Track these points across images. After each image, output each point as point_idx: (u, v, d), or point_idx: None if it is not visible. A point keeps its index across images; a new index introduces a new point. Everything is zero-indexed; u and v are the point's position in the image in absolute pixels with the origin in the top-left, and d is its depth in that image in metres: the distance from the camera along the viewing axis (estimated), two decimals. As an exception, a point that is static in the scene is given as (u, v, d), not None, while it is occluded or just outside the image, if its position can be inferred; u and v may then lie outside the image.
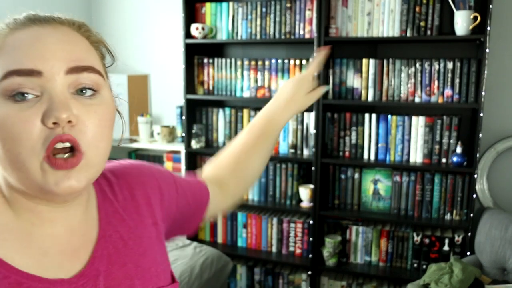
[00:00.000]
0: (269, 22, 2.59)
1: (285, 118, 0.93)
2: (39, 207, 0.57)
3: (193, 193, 0.79)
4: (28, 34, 0.54)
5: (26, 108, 0.51)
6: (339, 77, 2.53)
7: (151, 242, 0.68)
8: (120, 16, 3.20)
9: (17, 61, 0.52)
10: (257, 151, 0.90)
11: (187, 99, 2.74)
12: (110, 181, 0.69)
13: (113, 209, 0.66)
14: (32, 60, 0.52)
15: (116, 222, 0.65)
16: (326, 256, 2.56)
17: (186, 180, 0.80)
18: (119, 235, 0.65)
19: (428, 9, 2.33)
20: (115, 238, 0.64)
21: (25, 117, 0.51)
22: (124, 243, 0.65)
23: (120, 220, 0.66)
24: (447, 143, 2.39)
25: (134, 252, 0.65)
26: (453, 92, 2.34)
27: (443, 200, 2.44)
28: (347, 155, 2.55)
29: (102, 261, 0.61)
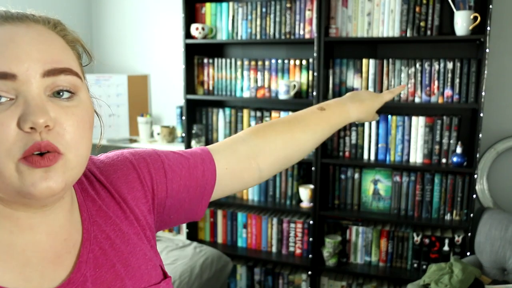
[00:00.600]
0: (269, 22, 2.59)
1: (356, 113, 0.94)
2: (18, 213, 0.54)
3: (192, 174, 0.72)
4: (1, 33, 0.51)
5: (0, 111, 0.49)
6: (339, 77, 2.53)
7: (138, 238, 0.65)
8: (120, 16, 3.20)
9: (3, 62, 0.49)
10: (307, 130, 0.86)
11: (187, 99, 2.74)
12: (90, 178, 0.65)
13: (97, 207, 0.63)
14: (6, 62, 0.49)
15: (101, 221, 0.62)
16: (326, 256, 2.56)
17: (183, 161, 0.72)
18: (105, 235, 0.62)
19: (428, 9, 2.33)
20: (101, 238, 0.61)
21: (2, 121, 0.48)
22: (111, 243, 0.62)
23: (105, 218, 0.63)
24: (447, 143, 2.39)
25: (122, 251, 0.62)
26: (453, 92, 2.34)
27: (443, 200, 2.44)
28: (347, 155, 2.55)
29: (88, 266, 0.58)
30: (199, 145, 2.77)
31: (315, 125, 0.87)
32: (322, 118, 0.89)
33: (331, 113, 0.91)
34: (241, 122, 2.74)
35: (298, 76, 2.60)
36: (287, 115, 0.89)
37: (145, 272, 0.64)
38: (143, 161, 0.69)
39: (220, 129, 2.80)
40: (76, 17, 3.19)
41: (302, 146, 0.85)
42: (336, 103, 0.94)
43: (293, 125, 0.85)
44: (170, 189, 0.70)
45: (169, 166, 0.70)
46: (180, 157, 0.73)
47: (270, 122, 0.85)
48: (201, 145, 2.78)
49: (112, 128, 3.11)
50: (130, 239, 0.64)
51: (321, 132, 0.88)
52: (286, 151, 0.83)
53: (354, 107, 0.94)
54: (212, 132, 2.83)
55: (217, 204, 2.92)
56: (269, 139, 0.81)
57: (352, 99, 0.96)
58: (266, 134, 0.81)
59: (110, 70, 3.27)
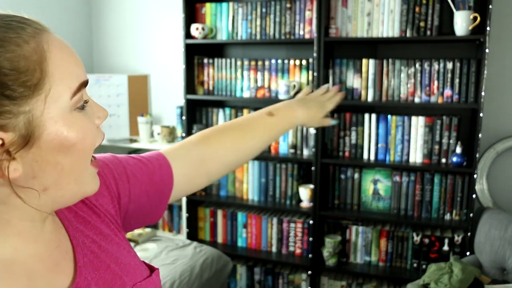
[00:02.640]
0: (269, 23, 2.60)
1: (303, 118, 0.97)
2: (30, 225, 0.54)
3: (152, 180, 0.73)
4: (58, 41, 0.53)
5: (88, 116, 0.54)
6: (339, 77, 2.53)
7: (118, 238, 0.67)
8: (120, 16, 3.20)
9: (79, 72, 0.53)
10: (256, 136, 0.89)
11: (187, 99, 2.75)
12: None
13: (73, 214, 0.63)
14: (83, 71, 0.54)
15: (81, 227, 0.63)
16: (326, 256, 2.56)
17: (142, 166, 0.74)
18: (90, 239, 0.63)
19: (427, 10, 2.33)
20: (88, 242, 0.62)
21: (91, 123, 0.54)
22: (98, 246, 0.63)
23: (84, 223, 0.64)
24: (446, 143, 2.39)
25: (111, 252, 0.64)
26: (452, 92, 2.35)
27: (442, 200, 2.44)
28: (347, 155, 2.55)
29: (88, 270, 0.59)
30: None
31: (263, 131, 0.91)
32: (270, 124, 0.92)
33: (279, 118, 0.94)
34: (241, 122, 2.74)
35: (298, 76, 2.60)
36: (237, 119, 0.91)
37: (136, 267, 0.66)
38: (106, 167, 0.70)
39: (220, 129, 2.80)
40: (76, 17, 3.19)
41: (250, 152, 0.90)
42: (285, 108, 0.96)
43: (242, 131, 0.88)
44: (133, 194, 0.71)
45: (131, 172, 0.72)
46: (140, 163, 0.74)
47: (220, 128, 0.88)
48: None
49: (112, 128, 3.11)
50: (112, 239, 0.65)
51: (268, 138, 0.92)
52: (235, 157, 0.87)
53: (302, 112, 0.98)
54: (212, 132, 2.83)
55: (217, 204, 2.92)
56: (219, 145, 0.84)
57: (300, 104, 0.99)
58: (216, 140, 0.84)
59: (110, 70, 3.27)
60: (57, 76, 0.50)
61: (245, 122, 0.90)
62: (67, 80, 0.51)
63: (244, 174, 2.78)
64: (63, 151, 0.51)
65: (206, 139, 0.84)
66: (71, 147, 0.51)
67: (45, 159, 0.50)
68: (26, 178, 0.50)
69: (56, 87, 0.49)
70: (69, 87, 0.51)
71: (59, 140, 0.50)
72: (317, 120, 1.02)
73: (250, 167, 2.75)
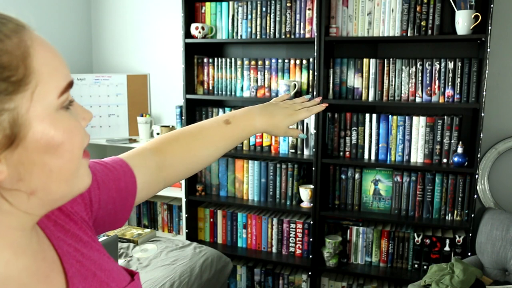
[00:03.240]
0: (269, 22, 2.58)
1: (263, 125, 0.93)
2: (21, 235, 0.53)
3: (118, 186, 0.73)
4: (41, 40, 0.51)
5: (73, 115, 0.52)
6: (340, 77, 2.52)
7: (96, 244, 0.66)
8: (119, 15, 3.19)
9: (66, 72, 0.51)
10: (209, 145, 0.87)
11: (187, 99, 2.73)
12: None
13: (52, 223, 0.61)
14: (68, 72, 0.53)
15: (62, 235, 0.61)
16: (326, 256, 2.55)
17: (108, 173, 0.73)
18: (73, 247, 0.61)
19: (429, 9, 2.32)
20: (72, 251, 0.61)
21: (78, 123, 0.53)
22: (81, 254, 0.62)
23: (63, 231, 0.62)
24: (448, 143, 2.38)
25: (93, 259, 0.63)
26: (454, 92, 2.34)
27: (444, 201, 2.43)
28: (347, 155, 2.54)
29: (78, 279, 0.58)
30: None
31: (218, 140, 0.89)
32: (226, 132, 0.90)
33: (236, 126, 0.91)
34: (241, 122, 2.73)
35: (299, 75, 2.59)
36: (193, 126, 0.89)
37: (118, 273, 0.65)
38: None
39: (220, 129, 2.79)
40: (76, 16, 3.18)
41: (205, 160, 0.88)
42: (243, 115, 0.93)
43: (196, 140, 0.86)
44: (102, 200, 0.70)
45: (100, 178, 0.71)
46: (106, 169, 0.73)
47: (174, 136, 0.86)
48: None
49: (111, 128, 3.10)
50: (92, 246, 0.64)
51: (224, 147, 0.90)
52: (190, 165, 0.86)
53: (262, 120, 0.94)
54: (212, 132, 2.82)
55: (217, 204, 2.91)
56: (173, 154, 0.83)
57: (262, 110, 0.95)
58: (170, 149, 0.83)
59: (109, 69, 3.26)
60: (45, 74, 0.48)
61: (199, 130, 0.88)
62: (55, 78, 0.49)
63: (244, 174, 2.77)
64: (50, 151, 0.49)
65: (160, 147, 0.83)
66: (58, 147, 0.49)
67: (31, 161, 0.48)
68: (11, 181, 0.48)
69: (43, 85, 0.48)
70: (57, 85, 0.49)
71: (46, 140, 0.48)
72: (282, 129, 0.96)
73: (250, 167, 2.74)
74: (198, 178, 2.89)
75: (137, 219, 3.23)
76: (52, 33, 2.97)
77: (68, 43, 3.11)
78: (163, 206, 3.13)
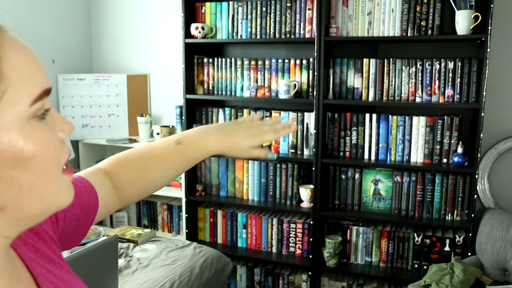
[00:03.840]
0: (269, 22, 2.58)
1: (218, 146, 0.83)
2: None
3: (81, 203, 0.70)
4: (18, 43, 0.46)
5: (49, 126, 0.48)
6: (340, 77, 2.52)
7: (65, 264, 0.62)
8: (119, 15, 3.19)
9: (42, 79, 0.47)
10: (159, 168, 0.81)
11: (187, 99, 2.73)
12: None
13: (23, 241, 0.58)
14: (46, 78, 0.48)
15: (34, 256, 0.58)
16: (326, 256, 2.55)
17: None
18: (45, 269, 0.58)
19: (429, 9, 2.32)
20: (45, 272, 0.58)
21: (52, 134, 0.48)
22: (54, 275, 0.59)
23: (34, 251, 0.58)
24: (448, 143, 2.38)
25: (66, 280, 0.60)
26: (454, 92, 2.34)
27: (444, 201, 2.43)
28: (347, 155, 2.54)
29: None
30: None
31: (168, 162, 0.82)
32: (176, 154, 0.83)
33: (187, 147, 0.83)
34: (241, 122, 2.73)
35: (299, 75, 2.59)
36: (143, 147, 0.83)
37: None
38: None
39: (220, 129, 2.79)
40: (76, 16, 3.18)
41: (157, 183, 0.83)
42: (196, 135, 0.84)
43: (145, 162, 0.81)
44: (67, 217, 0.67)
45: None
46: None
47: (124, 157, 0.82)
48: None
49: (111, 128, 3.10)
50: (62, 267, 0.61)
51: (175, 169, 0.83)
52: (141, 188, 0.82)
53: (217, 140, 0.84)
54: (212, 132, 2.82)
55: (217, 204, 2.91)
56: (123, 176, 0.80)
57: (218, 130, 0.85)
58: (121, 171, 0.80)
59: (109, 69, 3.26)
60: (15, 79, 0.44)
61: (148, 151, 0.82)
62: (27, 85, 0.45)
63: (244, 174, 2.77)
64: (19, 165, 0.44)
65: (110, 169, 0.79)
66: (28, 160, 0.45)
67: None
68: None
69: (12, 91, 0.44)
70: (29, 93, 0.45)
71: (13, 152, 0.44)
72: (241, 150, 0.85)
73: (250, 167, 2.74)
74: (198, 178, 2.89)
75: (137, 219, 3.23)
76: (52, 33, 2.97)
77: (68, 43, 3.11)
78: (163, 206, 3.12)
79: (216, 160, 2.82)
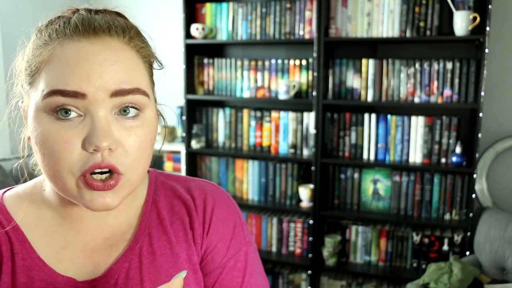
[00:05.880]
0: (269, 23, 2.60)
1: None
2: (74, 205, 0.59)
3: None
4: (76, 49, 0.52)
5: (68, 128, 0.51)
6: (339, 77, 2.53)
7: (187, 265, 0.63)
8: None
9: (62, 80, 0.51)
10: None
11: (187, 99, 2.75)
12: (169, 195, 0.66)
13: (159, 220, 0.64)
14: (78, 81, 0.51)
15: (155, 233, 0.63)
16: (325, 255, 2.57)
17: None
18: (151, 249, 0.62)
19: (427, 10, 2.33)
20: (144, 251, 0.61)
21: (67, 138, 0.51)
22: (153, 259, 0.61)
23: (161, 233, 0.63)
24: (446, 143, 2.39)
25: (160, 271, 0.61)
26: (452, 92, 2.35)
27: (442, 200, 2.44)
28: (346, 155, 2.55)
29: (119, 274, 0.59)
30: (199, 145, 2.77)
31: None
32: None
33: None
34: (241, 122, 2.75)
35: (298, 76, 2.61)
36: None
37: None
38: (240, 227, 0.69)
39: (220, 129, 2.81)
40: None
41: None
42: None
43: None
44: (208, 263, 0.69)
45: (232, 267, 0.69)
46: None
47: None
48: (201, 145, 2.78)
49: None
50: (178, 262, 0.62)
51: None
52: None
53: None
54: (212, 132, 2.84)
55: (217, 203, 2.92)
56: None
57: None
58: None
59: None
60: (43, 77, 0.53)
61: None
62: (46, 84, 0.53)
63: (244, 174, 2.78)
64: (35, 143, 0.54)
65: None
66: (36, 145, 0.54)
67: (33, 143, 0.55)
68: None
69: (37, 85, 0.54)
70: (43, 90, 0.53)
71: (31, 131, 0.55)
72: None
73: (250, 167, 2.76)
74: (198, 178, 2.90)
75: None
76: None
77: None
78: (163, 206, 3.14)
79: (216, 160, 2.84)
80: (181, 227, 0.64)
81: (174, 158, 2.97)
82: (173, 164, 2.98)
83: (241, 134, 2.75)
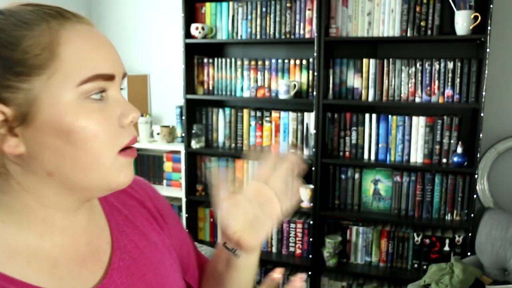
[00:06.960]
0: (269, 22, 2.59)
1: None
2: (55, 214, 0.55)
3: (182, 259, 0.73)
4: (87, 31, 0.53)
5: (105, 108, 0.52)
6: (339, 77, 2.52)
7: (165, 250, 0.67)
8: (119, 16, 3.20)
9: (99, 64, 0.52)
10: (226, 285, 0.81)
11: (187, 99, 2.74)
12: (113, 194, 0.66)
13: (123, 217, 0.65)
14: (110, 64, 0.53)
15: (129, 230, 0.64)
16: (326, 256, 2.56)
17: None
18: (134, 244, 0.63)
19: (428, 9, 2.32)
20: (130, 247, 0.63)
21: (108, 117, 0.52)
22: (140, 252, 0.63)
23: (132, 228, 0.65)
24: (447, 143, 2.38)
25: (151, 261, 0.64)
26: (453, 92, 2.34)
27: (443, 201, 2.43)
28: (347, 155, 2.54)
29: (120, 273, 0.59)
30: (199, 145, 2.76)
31: None
32: None
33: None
34: (241, 122, 2.74)
35: (298, 76, 2.60)
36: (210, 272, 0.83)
37: (174, 282, 0.66)
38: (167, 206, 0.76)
39: (220, 129, 2.80)
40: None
41: None
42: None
43: None
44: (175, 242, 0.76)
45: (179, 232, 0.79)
46: None
47: None
48: (201, 145, 2.77)
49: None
50: (158, 249, 0.66)
51: None
52: None
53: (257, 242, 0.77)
54: (212, 132, 2.83)
55: (217, 204, 2.91)
56: None
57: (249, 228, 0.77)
58: None
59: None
60: (69, 62, 0.50)
61: None
62: (80, 68, 0.50)
63: (244, 174, 2.77)
64: (61, 137, 0.50)
65: None
66: (70, 134, 0.50)
67: (43, 141, 0.50)
68: (29, 158, 0.50)
69: (63, 72, 0.49)
70: (79, 74, 0.50)
71: (56, 124, 0.49)
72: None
73: (250, 167, 2.75)
74: (198, 178, 2.90)
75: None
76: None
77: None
78: (163, 206, 3.13)
79: (216, 160, 2.82)
80: (144, 218, 0.67)
81: (173, 158, 2.96)
82: (173, 164, 2.97)
83: (241, 134, 2.74)
